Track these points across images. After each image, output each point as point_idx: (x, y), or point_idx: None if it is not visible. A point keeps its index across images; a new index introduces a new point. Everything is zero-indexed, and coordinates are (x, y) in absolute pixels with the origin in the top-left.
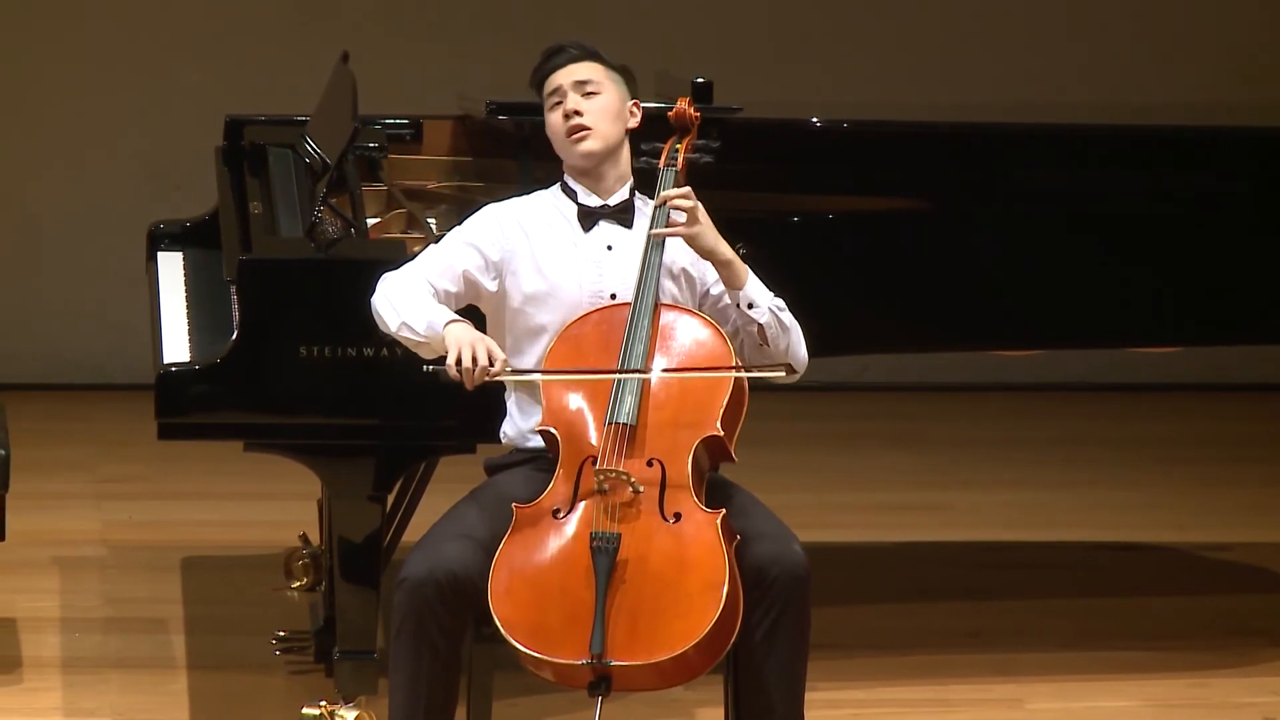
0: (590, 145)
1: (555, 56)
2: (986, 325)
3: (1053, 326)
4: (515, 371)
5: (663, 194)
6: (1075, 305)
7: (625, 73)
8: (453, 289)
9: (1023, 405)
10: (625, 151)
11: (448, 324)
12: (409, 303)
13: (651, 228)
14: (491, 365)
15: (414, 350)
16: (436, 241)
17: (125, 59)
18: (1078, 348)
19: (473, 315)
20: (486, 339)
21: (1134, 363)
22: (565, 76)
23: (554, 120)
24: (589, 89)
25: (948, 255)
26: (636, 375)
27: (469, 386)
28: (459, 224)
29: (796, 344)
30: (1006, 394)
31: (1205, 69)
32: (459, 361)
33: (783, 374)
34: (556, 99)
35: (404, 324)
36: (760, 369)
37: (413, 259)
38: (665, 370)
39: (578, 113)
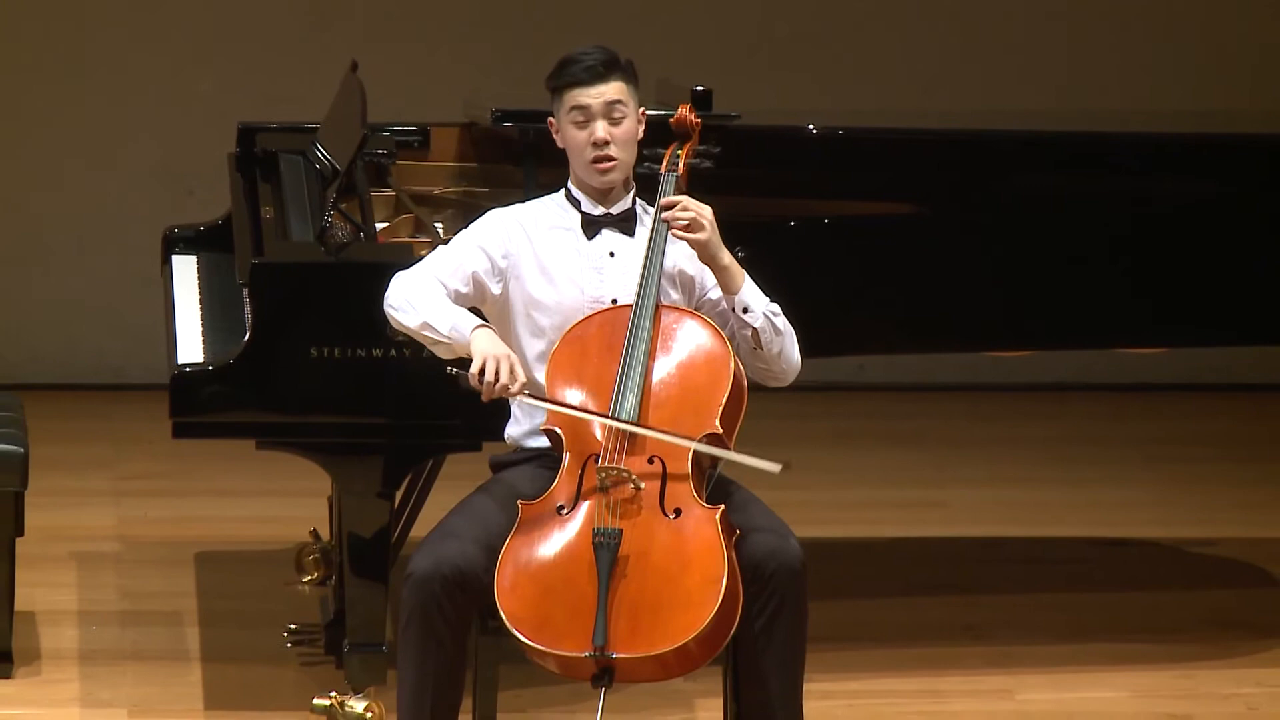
0: (615, 177)
1: (580, 69)
2: (979, 327)
3: (1044, 328)
4: (531, 396)
5: (661, 204)
6: (1065, 307)
7: (631, 71)
8: (463, 289)
9: (1016, 405)
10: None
11: (475, 329)
12: (429, 302)
13: (652, 234)
14: (511, 385)
15: (430, 347)
16: (444, 245)
17: (141, 68)
18: (1068, 349)
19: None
20: (512, 356)
21: (1124, 364)
22: (595, 98)
23: (577, 138)
24: (616, 114)
25: (941, 259)
26: (633, 428)
27: (484, 399)
28: (465, 227)
29: (789, 348)
30: (1000, 394)
31: (1197, 77)
32: (482, 371)
33: (778, 470)
34: (582, 118)
35: (426, 323)
36: (751, 456)
37: (421, 261)
38: (667, 430)
39: (607, 142)
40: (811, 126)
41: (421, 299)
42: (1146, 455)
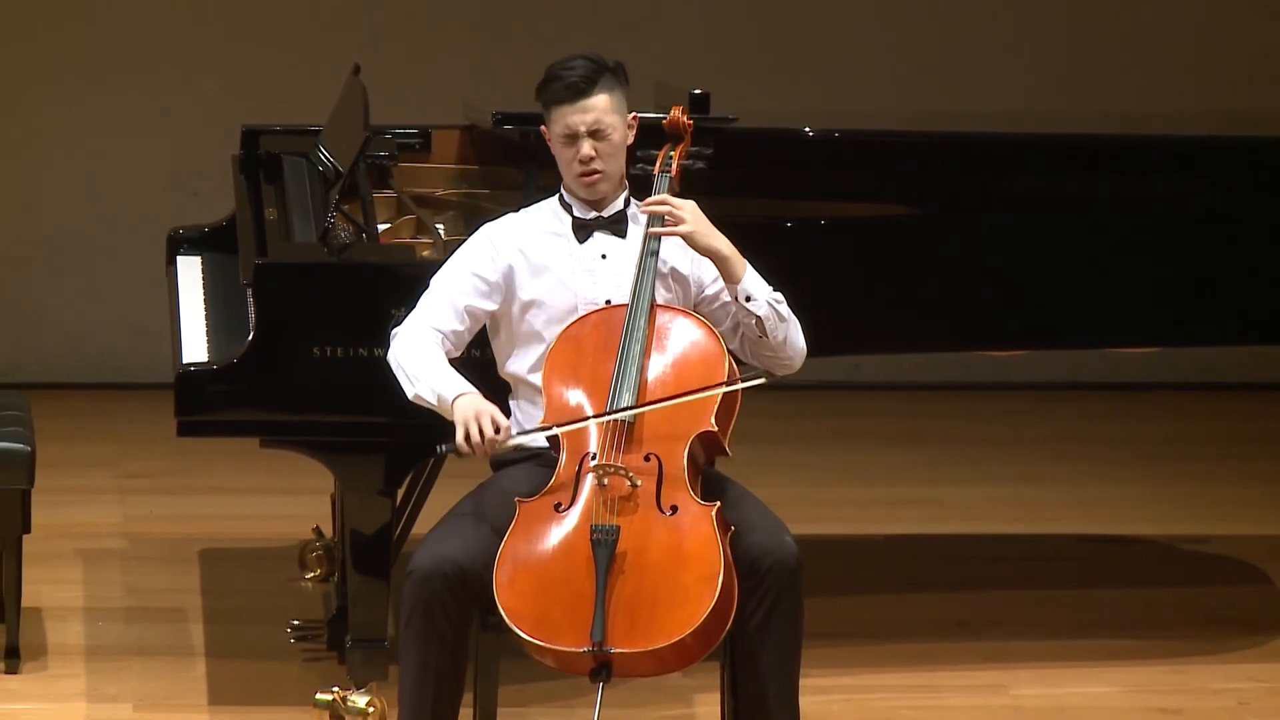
0: (603, 188)
1: (563, 87)
2: (974, 327)
3: (1039, 328)
4: (522, 433)
5: (642, 204)
6: (1060, 307)
7: (619, 75)
8: (460, 327)
9: (1011, 404)
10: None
11: (455, 399)
12: (420, 370)
13: (646, 235)
14: (498, 434)
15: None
16: (443, 249)
17: (146, 71)
18: (1063, 348)
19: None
20: (490, 410)
21: (1118, 363)
22: (580, 119)
23: (564, 154)
24: (601, 130)
25: (936, 259)
26: (629, 413)
27: (481, 458)
28: (464, 232)
29: (794, 335)
30: (995, 393)
31: (1194, 79)
32: (468, 438)
33: (763, 380)
34: (569, 137)
35: (418, 395)
36: (745, 379)
37: (421, 267)
38: (661, 396)
39: (592, 158)
40: (808, 129)
41: (414, 366)
42: (1139, 454)
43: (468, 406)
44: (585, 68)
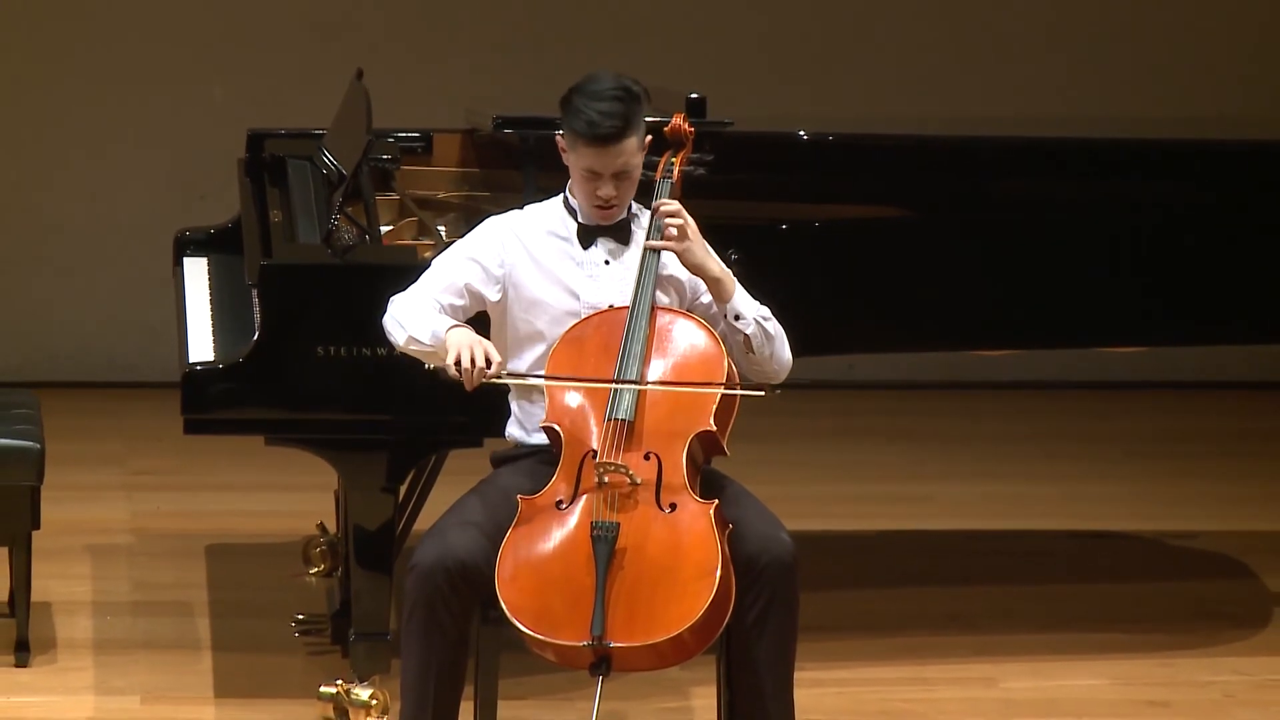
0: (614, 217)
1: (594, 134)
2: (966, 327)
3: (1029, 328)
4: (512, 375)
5: (655, 204)
6: (1049, 308)
7: (644, 104)
8: (458, 302)
9: (1001, 402)
10: None
11: (450, 329)
12: (414, 318)
13: (648, 238)
14: (489, 367)
15: (425, 361)
16: (446, 248)
17: (154, 76)
18: (1052, 348)
19: (477, 323)
20: (486, 343)
21: (1108, 362)
22: (608, 164)
23: (584, 186)
24: (626, 174)
25: (929, 261)
26: (630, 385)
27: (469, 387)
28: (464, 233)
29: (780, 350)
30: (986, 391)
31: (1189, 82)
32: (458, 362)
33: (763, 394)
34: (592, 173)
35: (410, 337)
36: (744, 387)
37: (423, 267)
38: (659, 381)
39: (613, 197)
40: (803, 133)
41: (408, 316)
42: (1128, 451)
43: (464, 336)
44: (618, 112)
